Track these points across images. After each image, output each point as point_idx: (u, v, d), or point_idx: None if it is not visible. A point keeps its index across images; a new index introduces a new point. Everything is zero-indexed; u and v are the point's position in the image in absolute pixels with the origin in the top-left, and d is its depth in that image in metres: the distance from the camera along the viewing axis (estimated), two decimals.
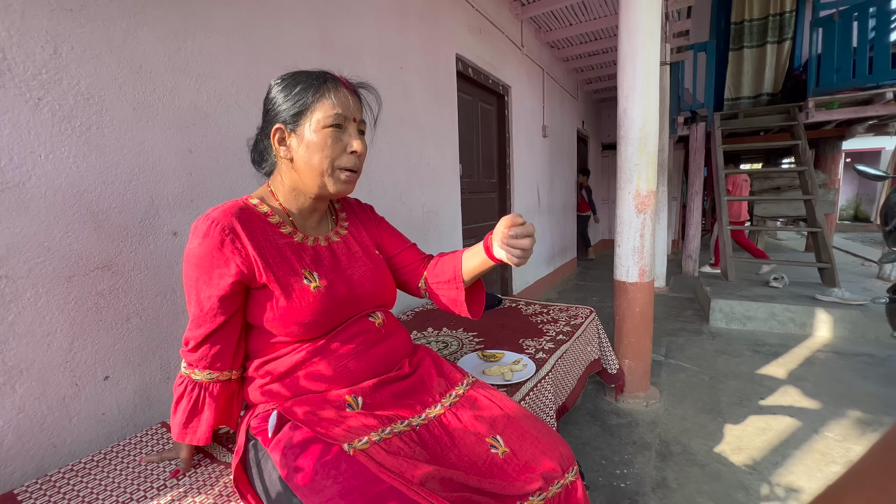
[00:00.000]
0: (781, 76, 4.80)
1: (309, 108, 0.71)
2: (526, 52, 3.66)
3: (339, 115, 0.72)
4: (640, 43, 1.86)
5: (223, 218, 0.68)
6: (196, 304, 0.69)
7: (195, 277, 0.68)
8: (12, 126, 0.85)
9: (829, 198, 5.01)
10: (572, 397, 1.57)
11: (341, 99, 0.73)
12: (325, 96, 0.72)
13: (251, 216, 0.72)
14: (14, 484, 0.86)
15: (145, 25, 1.06)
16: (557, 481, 0.69)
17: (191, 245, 0.69)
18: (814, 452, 1.61)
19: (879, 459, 0.25)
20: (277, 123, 0.73)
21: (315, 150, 0.71)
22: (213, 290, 0.68)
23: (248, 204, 0.75)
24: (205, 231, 0.67)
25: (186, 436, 0.74)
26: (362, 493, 0.57)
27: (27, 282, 0.88)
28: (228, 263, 0.67)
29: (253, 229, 0.71)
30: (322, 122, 0.71)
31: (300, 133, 0.72)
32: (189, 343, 0.71)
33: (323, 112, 0.71)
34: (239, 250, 0.68)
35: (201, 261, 0.67)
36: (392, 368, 0.82)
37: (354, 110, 0.75)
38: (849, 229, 10.49)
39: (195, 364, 0.72)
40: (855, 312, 2.81)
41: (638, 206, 1.96)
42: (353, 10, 1.78)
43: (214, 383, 0.73)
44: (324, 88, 0.72)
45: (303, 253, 0.76)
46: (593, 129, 6.80)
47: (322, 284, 0.73)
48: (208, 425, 0.74)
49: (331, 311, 0.74)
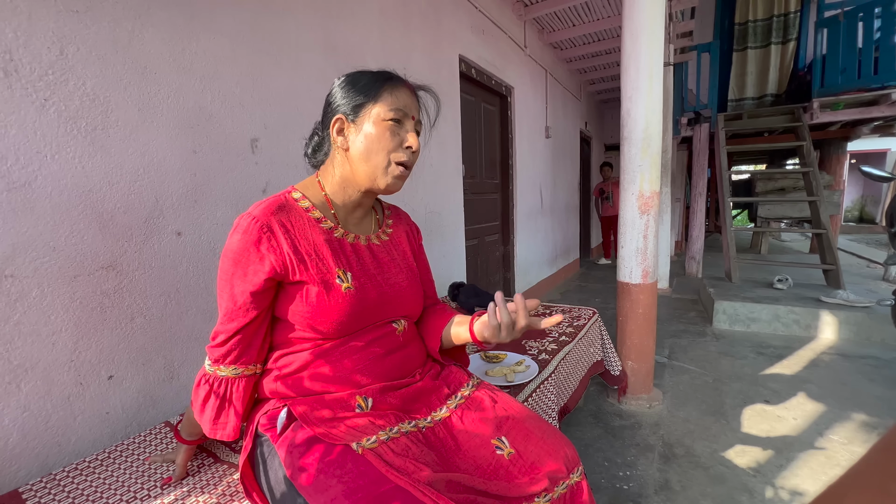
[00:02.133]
0: (786, 77, 4.77)
1: (371, 101, 0.74)
2: (529, 53, 3.65)
3: (398, 111, 0.74)
4: (644, 44, 1.85)
5: (263, 216, 0.69)
6: (229, 298, 0.70)
7: (231, 272, 0.69)
8: (19, 126, 0.86)
9: (834, 199, 4.98)
10: (574, 398, 1.57)
11: (402, 96, 0.75)
12: (387, 91, 0.74)
13: (292, 212, 0.73)
14: (19, 482, 0.86)
15: (150, 27, 1.07)
16: (563, 482, 0.69)
17: (230, 240, 0.70)
18: (818, 455, 1.60)
19: (880, 460, 0.25)
20: (338, 114, 0.76)
21: (372, 141, 0.74)
22: (246, 285, 0.68)
23: (290, 199, 0.75)
24: (245, 227, 0.69)
25: (217, 431, 0.73)
26: (367, 492, 0.57)
27: (33, 281, 0.88)
28: (263, 260, 0.68)
29: (292, 226, 0.72)
30: (382, 115, 0.73)
31: (359, 124, 0.74)
32: (218, 337, 0.71)
33: (384, 106, 0.74)
34: (274, 248, 0.69)
35: (239, 256, 0.69)
36: (405, 377, 0.81)
37: (413, 109, 0.77)
38: (854, 231, 10.42)
39: (221, 360, 0.71)
40: (860, 314, 2.79)
41: (641, 207, 1.95)
42: (356, 12, 1.78)
43: (240, 378, 0.73)
44: (387, 84, 0.75)
45: (341, 250, 0.76)
46: (596, 130, 6.79)
47: (353, 286, 0.74)
48: (235, 420, 0.73)
49: (358, 314, 0.74)
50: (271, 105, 1.39)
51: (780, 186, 5.17)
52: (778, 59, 4.78)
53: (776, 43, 4.75)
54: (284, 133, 1.44)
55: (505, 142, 3.41)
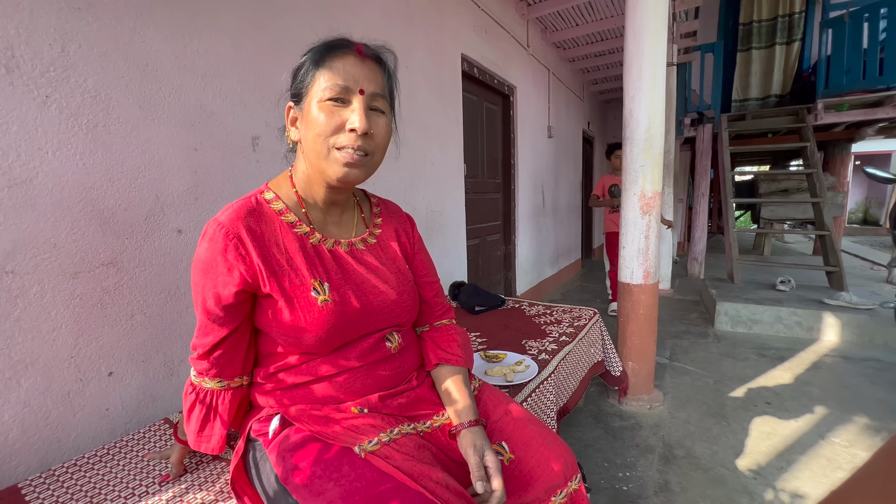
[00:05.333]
0: (790, 78, 4.75)
1: (309, 80, 0.64)
2: (532, 53, 3.65)
3: (335, 86, 0.62)
4: (647, 43, 1.85)
5: (230, 222, 0.63)
6: (202, 311, 0.65)
7: (202, 284, 0.64)
8: (20, 123, 0.86)
9: (838, 201, 4.96)
10: (574, 399, 1.56)
11: (344, 67, 0.63)
12: (325, 66, 0.63)
13: (263, 216, 0.67)
14: (18, 478, 0.87)
15: (152, 24, 1.07)
16: (561, 490, 0.69)
17: (198, 249, 0.65)
18: (820, 458, 1.59)
19: (883, 465, 0.25)
20: (289, 102, 0.68)
21: (311, 128, 0.63)
22: (218, 298, 0.63)
23: (262, 200, 0.69)
24: (211, 235, 0.63)
25: (201, 444, 0.71)
26: (365, 494, 0.56)
27: (33, 277, 0.88)
28: (232, 271, 0.62)
29: (262, 233, 0.65)
30: (318, 95, 0.63)
31: (304, 110, 0.65)
32: (197, 350, 0.67)
33: (320, 84, 0.63)
34: (243, 257, 0.63)
35: (207, 266, 0.63)
36: (400, 384, 0.78)
37: (361, 80, 0.64)
38: (857, 233, 10.37)
39: (205, 373, 0.68)
40: (863, 317, 2.77)
41: (643, 207, 1.95)
42: (358, 10, 1.78)
43: (226, 391, 0.69)
44: (325, 57, 0.64)
45: (317, 258, 0.69)
46: (599, 130, 6.77)
47: (331, 298, 0.67)
48: (221, 433, 0.70)
49: (339, 328, 0.67)
50: (273, 103, 1.39)
51: (784, 188, 5.15)
52: (782, 60, 4.75)
53: (781, 43, 4.73)
54: None
55: (507, 141, 3.41)
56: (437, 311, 0.88)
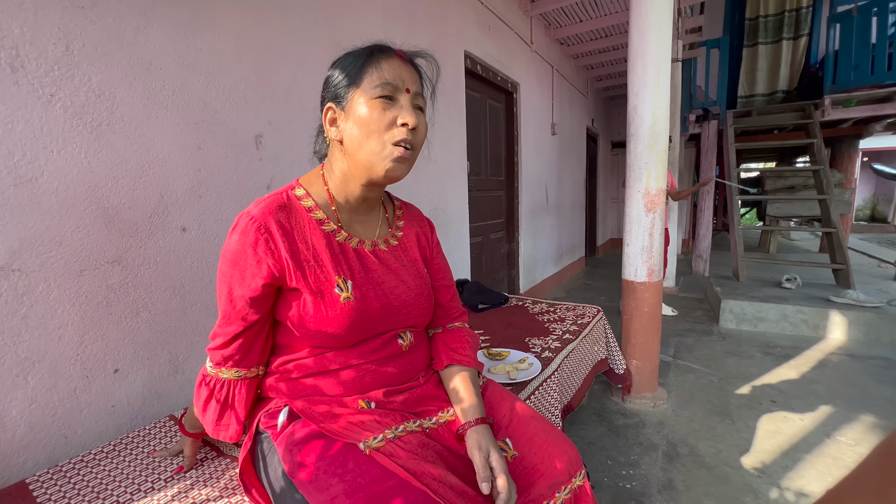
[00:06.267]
0: (797, 73, 4.70)
1: (355, 81, 0.67)
2: (535, 49, 3.63)
3: (386, 85, 0.66)
4: (651, 39, 1.83)
5: (261, 216, 0.65)
6: (227, 300, 0.67)
7: (229, 274, 0.66)
8: (25, 122, 0.86)
9: (845, 198, 4.91)
10: (578, 397, 1.56)
11: (391, 68, 0.67)
12: (372, 66, 0.67)
13: (293, 212, 0.69)
14: (26, 473, 0.88)
15: (155, 23, 1.07)
16: (565, 486, 0.69)
17: (229, 240, 0.67)
18: (825, 457, 1.58)
19: (878, 464, 0.25)
20: (328, 103, 0.70)
21: (362, 125, 0.66)
22: (244, 290, 0.65)
23: (293, 197, 0.71)
24: (242, 228, 0.65)
25: (220, 432, 0.72)
26: (369, 490, 0.57)
27: (39, 275, 0.89)
28: (261, 264, 0.65)
29: (291, 228, 0.68)
30: (369, 93, 0.66)
31: (349, 109, 0.67)
32: (217, 339, 0.68)
33: (369, 83, 0.66)
34: (272, 251, 0.65)
35: (237, 257, 0.65)
36: (408, 381, 0.79)
37: (408, 80, 0.68)
38: (865, 230, 10.27)
39: (222, 363, 0.69)
40: (870, 315, 2.75)
41: (647, 204, 1.94)
42: (360, 8, 1.78)
43: (242, 380, 0.71)
44: (371, 59, 0.67)
45: (342, 256, 0.71)
46: (603, 127, 6.74)
47: (353, 296, 0.69)
48: (239, 422, 0.72)
49: (358, 325, 0.70)
50: (276, 101, 1.40)
51: (790, 184, 5.11)
52: (789, 55, 4.71)
53: (788, 38, 4.68)
54: (289, 129, 1.45)
55: (510, 139, 3.40)
56: (451, 314, 0.89)
